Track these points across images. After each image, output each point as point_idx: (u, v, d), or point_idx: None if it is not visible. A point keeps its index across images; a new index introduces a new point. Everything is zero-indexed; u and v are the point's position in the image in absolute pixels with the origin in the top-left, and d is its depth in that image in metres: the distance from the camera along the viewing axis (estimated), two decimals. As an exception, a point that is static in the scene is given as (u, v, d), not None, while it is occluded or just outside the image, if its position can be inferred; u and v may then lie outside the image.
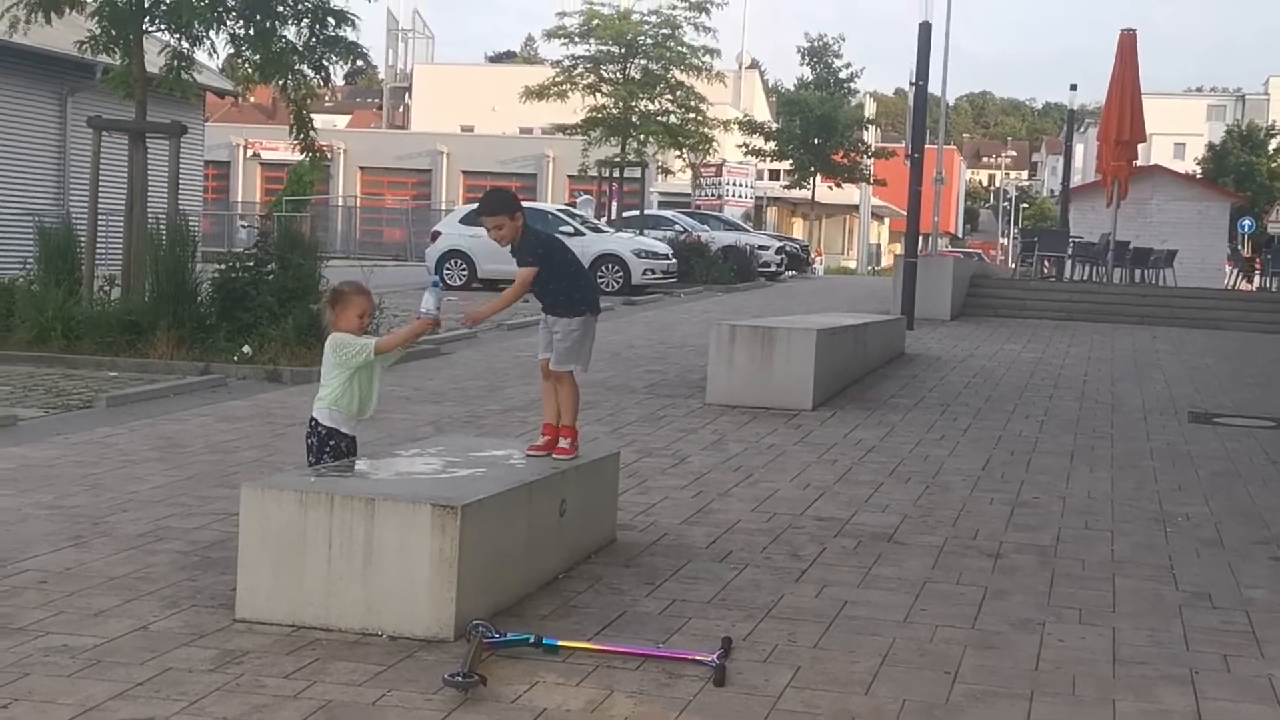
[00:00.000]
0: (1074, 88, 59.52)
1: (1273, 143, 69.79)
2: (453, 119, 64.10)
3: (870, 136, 55.00)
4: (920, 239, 25.63)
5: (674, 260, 27.91)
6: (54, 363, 12.46)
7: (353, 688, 4.44)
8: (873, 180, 53.73)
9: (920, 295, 20.27)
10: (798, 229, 63.01)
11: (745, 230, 40.81)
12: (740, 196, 54.01)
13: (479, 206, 6.29)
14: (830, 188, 54.50)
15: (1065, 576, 6.23)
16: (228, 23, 13.92)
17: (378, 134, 69.64)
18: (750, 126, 49.87)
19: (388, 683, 4.50)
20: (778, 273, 36.79)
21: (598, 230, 28.01)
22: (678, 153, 37.95)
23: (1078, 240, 30.21)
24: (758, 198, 58.74)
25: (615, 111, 34.28)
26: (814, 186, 51.56)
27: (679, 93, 34.96)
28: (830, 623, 5.35)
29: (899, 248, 33.63)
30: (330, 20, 13.97)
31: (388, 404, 10.65)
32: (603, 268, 25.72)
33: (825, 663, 4.86)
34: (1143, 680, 4.82)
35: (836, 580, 6.00)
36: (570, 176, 47.95)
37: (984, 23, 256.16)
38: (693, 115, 35.56)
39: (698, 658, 4.75)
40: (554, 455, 6.11)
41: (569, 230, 25.42)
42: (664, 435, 9.86)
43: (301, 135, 14.66)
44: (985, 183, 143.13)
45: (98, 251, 14.20)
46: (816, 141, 49.59)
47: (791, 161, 51.24)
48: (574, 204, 34.27)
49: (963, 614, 5.54)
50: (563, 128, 37.36)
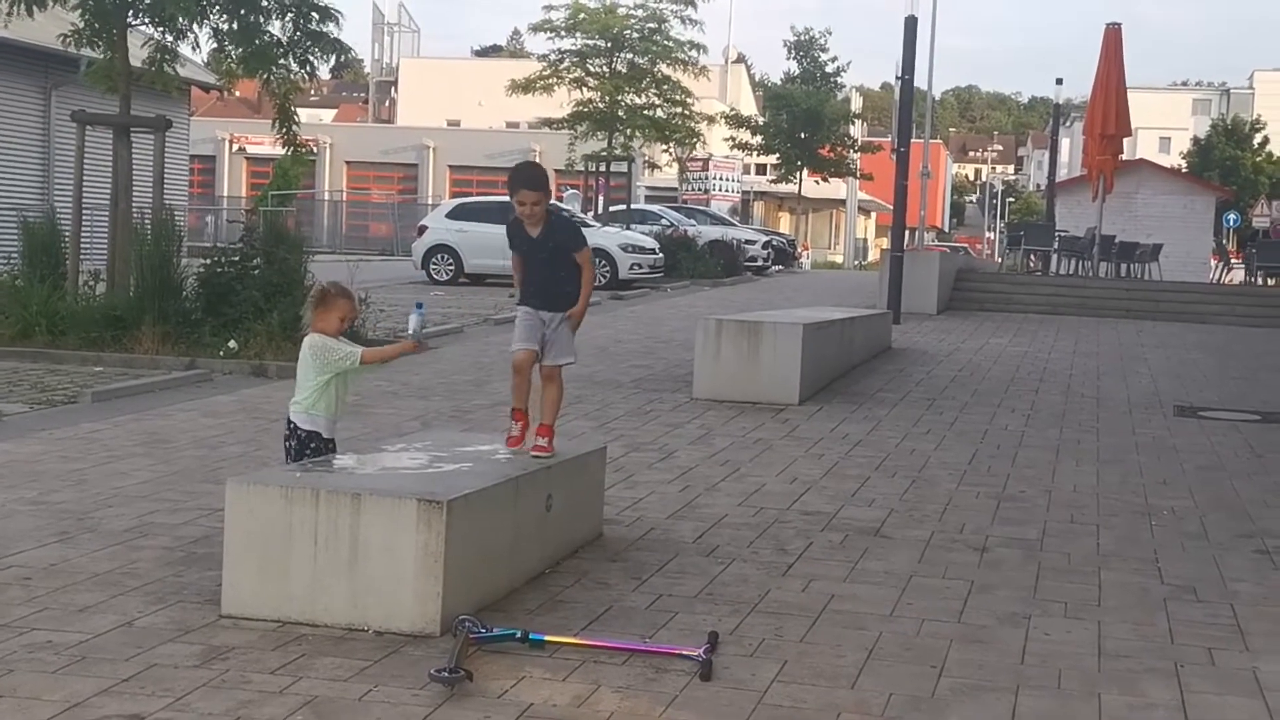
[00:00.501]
0: (1059, 82, 59.37)
1: (1257, 137, 70.11)
2: (439, 113, 63.97)
3: (856, 131, 55.01)
4: (906, 233, 25.69)
5: (661, 255, 27.92)
6: (38, 358, 12.43)
7: (339, 683, 4.44)
8: (859, 175, 53.77)
9: (906, 290, 20.31)
10: (784, 223, 63.08)
11: (732, 225, 40.81)
12: (727, 191, 54.04)
13: (519, 177, 5.93)
14: (817, 182, 54.62)
15: (1051, 570, 6.24)
16: (211, 16, 13.85)
17: (364, 128, 69.57)
18: (737, 120, 49.90)
19: (374, 678, 4.49)
20: (764, 267, 36.83)
21: (584, 224, 27.98)
22: (664, 147, 37.95)
23: (1063, 234, 30.27)
24: (744, 192, 58.80)
25: (601, 106, 34.25)
26: (800, 181, 51.62)
27: (665, 87, 34.91)
28: (816, 617, 5.35)
29: (885, 242, 33.64)
30: (314, 15, 13.91)
31: (373, 398, 10.66)
32: (589, 262, 25.66)
33: (811, 657, 4.86)
34: (1128, 673, 4.83)
35: (823, 574, 6.01)
36: (557, 170, 47.90)
37: (970, 17, 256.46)
38: (679, 109, 35.52)
39: (684, 652, 4.75)
40: (533, 454, 6.02)
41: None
42: (651, 430, 9.86)
43: (284, 129, 14.61)
44: (971, 177, 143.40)
45: (82, 246, 14.16)
46: (803, 136, 49.61)
47: (778, 156, 51.29)
48: (560, 198, 34.20)
49: (948, 608, 5.55)
50: (549, 122, 37.38)
